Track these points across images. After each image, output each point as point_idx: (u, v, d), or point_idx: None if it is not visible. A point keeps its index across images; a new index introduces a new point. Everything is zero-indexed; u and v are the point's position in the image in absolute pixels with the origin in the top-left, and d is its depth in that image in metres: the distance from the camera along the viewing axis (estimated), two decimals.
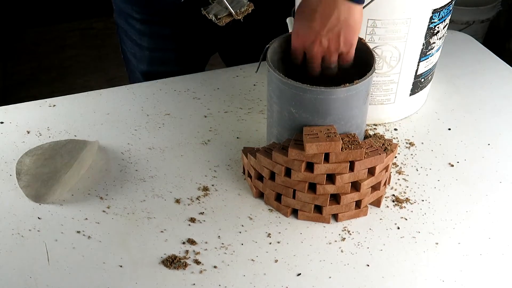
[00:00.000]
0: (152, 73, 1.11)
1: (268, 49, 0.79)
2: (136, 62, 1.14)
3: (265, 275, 0.72)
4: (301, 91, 0.73)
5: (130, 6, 1.06)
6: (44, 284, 0.70)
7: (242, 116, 0.97)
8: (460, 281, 0.72)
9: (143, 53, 1.11)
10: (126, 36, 1.12)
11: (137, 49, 1.12)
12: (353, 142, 0.74)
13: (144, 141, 0.92)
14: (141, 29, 1.08)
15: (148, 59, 1.12)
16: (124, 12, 1.09)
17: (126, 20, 1.09)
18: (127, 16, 1.08)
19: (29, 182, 0.82)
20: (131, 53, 1.14)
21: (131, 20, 1.08)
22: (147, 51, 1.11)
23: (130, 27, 1.09)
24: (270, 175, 0.78)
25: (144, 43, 1.09)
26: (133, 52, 1.13)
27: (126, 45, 1.15)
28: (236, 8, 0.87)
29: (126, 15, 1.08)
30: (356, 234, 0.78)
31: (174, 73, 1.07)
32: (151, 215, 0.79)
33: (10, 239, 0.75)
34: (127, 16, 1.08)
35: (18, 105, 0.99)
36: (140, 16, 1.06)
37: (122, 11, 1.09)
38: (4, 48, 2.62)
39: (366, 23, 0.84)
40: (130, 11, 1.07)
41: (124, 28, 1.12)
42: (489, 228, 0.79)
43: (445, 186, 0.85)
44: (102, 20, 2.76)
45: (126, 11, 1.08)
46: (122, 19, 1.11)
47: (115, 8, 1.12)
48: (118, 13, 1.12)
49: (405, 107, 0.97)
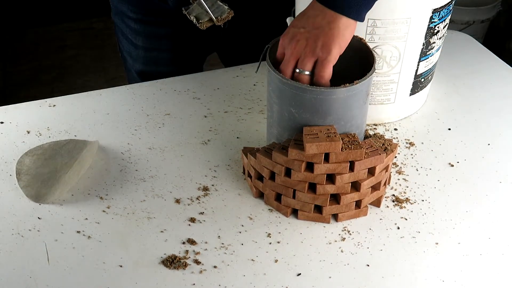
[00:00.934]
0: (148, 73, 1.11)
1: (268, 49, 0.79)
2: (132, 61, 1.14)
3: (265, 275, 0.72)
4: (301, 91, 0.73)
5: (126, 5, 1.06)
6: (44, 284, 0.70)
7: (242, 116, 0.97)
8: (460, 281, 0.72)
9: (138, 53, 1.11)
10: (122, 35, 1.12)
11: (132, 48, 1.11)
12: (353, 142, 0.74)
13: (144, 141, 0.92)
14: (136, 28, 1.08)
15: (143, 59, 1.12)
16: (120, 11, 1.09)
17: (122, 19, 1.09)
18: (123, 15, 1.08)
19: (29, 182, 0.82)
20: (127, 52, 1.14)
21: (126, 19, 1.08)
22: (142, 51, 1.10)
23: (125, 26, 1.09)
24: (270, 175, 0.78)
25: (139, 42, 1.09)
26: (129, 51, 1.13)
27: (122, 44, 1.15)
28: (217, 14, 0.87)
29: (122, 14, 1.08)
30: (356, 234, 0.78)
31: (170, 73, 1.07)
32: (151, 215, 0.79)
33: (10, 239, 0.75)
34: (123, 15, 1.08)
35: (18, 105, 0.99)
36: (135, 16, 1.06)
37: (118, 10, 1.09)
38: (4, 48, 2.62)
39: (366, 23, 0.84)
40: (126, 10, 1.07)
41: (120, 27, 1.12)
42: (489, 228, 0.79)
43: (445, 186, 0.85)
44: (102, 20, 2.77)
45: (122, 10, 1.08)
46: (119, 18, 1.11)
47: (112, 7, 1.12)
48: (114, 12, 1.12)
49: (405, 107, 0.97)
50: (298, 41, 0.74)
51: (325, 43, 0.72)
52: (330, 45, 0.72)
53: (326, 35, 0.72)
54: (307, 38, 0.73)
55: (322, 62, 0.73)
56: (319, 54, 0.73)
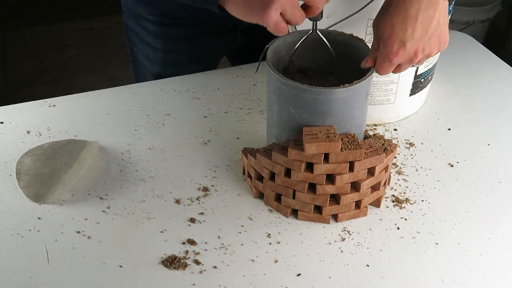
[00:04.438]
0: (165, 75, 1.11)
1: (268, 49, 0.79)
2: (149, 64, 1.13)
3: (265, 275, 0.72)
4: (301, 91, 0.73)
5: (143, 7, 1.06)
6: (44, 284, 0.70)
7: (242, 116, 0.97)
8: (460, 281, 0.72)
9: (156, 55, 1.11)
10: (137, 37, 1.12)
11: (150, 51, 1.11)
12: (353, 142, 0.74)
13: (144, 141, 0.92)
14: (155, 31, 1.07)
15: (161, 61, 1.11)
16: (136, 14, 1.08)
17: (137, 21, 1.09)
18: (139, 18, 1.08)
19: (29, 182, 0.82)
20: (143, 55, 1.13)
21: (143, 21, 1.07)
22: (161, 53, 1.10)
23: (142, 29, 1.09)
24: (270, 176, 0.78)
25: (158, 44, 1.09)
26: (145, 54, 1.12)
27: (137, 47, 1.14)
28: None
29: (138, 16, 1.08)
30: (356, 234, 0.78)
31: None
32: (151, 215, 0.79)
33: (10, 239, 0.75)
34: (139, 18, 1.08)
35: (18, 105, 0.99)
36: (153, 18, 1.06)
37: (133, 13, 1.09)
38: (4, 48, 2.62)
39: (366, 23, 0.84)
40: (143, 12, 1.06)
41: (135, 30, 1.11)
42: (489, 228, 0.79)
43: (445, 186, 0.85)
44: (102, 20, 2.76)
45: (138, 13, 1.07)
46: (133, 20, 1.10)
47: (125, 10, 1.11)
48: (128, 15, 1.11)
49: (405, 107, 0.97)
50: (423, 50, 0.74)
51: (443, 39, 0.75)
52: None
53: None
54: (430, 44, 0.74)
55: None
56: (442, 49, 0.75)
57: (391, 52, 0.72)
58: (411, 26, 0.71)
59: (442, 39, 0.74)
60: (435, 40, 0.73)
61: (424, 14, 0.71)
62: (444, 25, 0.74)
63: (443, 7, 0.72)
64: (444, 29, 0.74)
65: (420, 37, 0.72)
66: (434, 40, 0.73)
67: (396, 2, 0.72)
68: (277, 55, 0.80)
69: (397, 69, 0.76)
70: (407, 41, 0.72)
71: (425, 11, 0.71)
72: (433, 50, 0.74)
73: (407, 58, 0.73)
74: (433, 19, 0.72)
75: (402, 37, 0.71)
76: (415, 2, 0.71)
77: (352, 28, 0.83)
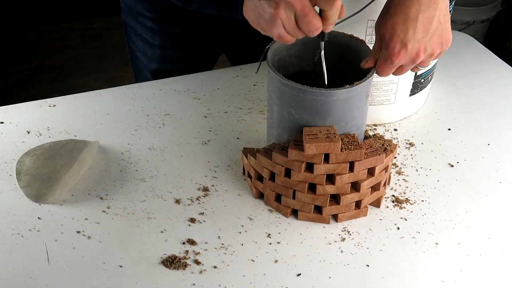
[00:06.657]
0: (162, 72, 1.12)
1: (268, 49, 0.79)
2: (146, 60, 1.14)
3: (265, 275, 0.72)
4: (301, 92, 0.73)
5: (141, 4, 1.06)
6: (44, 284, 0.70)
7: (242, 116, 0.97)
8: (460, 281, 0.72)
9: (154, 52, 1.12)
10: (135, 34, 1.13)
11: (148, 48, 1.12)
12: (353, 142, 0.74)
13: (144, 141, 0.92)
14: (153, 28, 1.08)
15: (159, 58, 1.12)
16: (134, 11, 1.09)
17: (136, 18, 1.10)
18: (138, 15, 1.09)
19: (29, 182, 0.82)
20: (141, 52, 1.14)
21: (142, 18, 1.08)
22: (158, 49, 1.11)
23: (140, 26, 1.10)
24: (270, 176, 0.78)
25: (156, 41, 1.10)
26: (143, 50, 1.13)
27: (135, 44, 1.15)
28: None
29: (136, 13, 1.09)
30: (356, 234, 0.78)
31: (184, 72, 1.08)
32: (151, 215, 0.79)
33: (10, 239, 0.75)
34: (137, 15, 1.09)
35: (18, 105, 0.99)
36: (151, 15, 1.07)
37: (132, 10, 1.10)
38: (4, 48, 2.62)
39: (366, 23, 0.84)
40: (141, 9, 1.07)
41: (133, 27, 1.12)
42: (489, 228, 0.79)
43: (445, 186, 0.85)
44: (102, 20, 2.76)
45: (137, 10, 1.08)
46: (132, 18, 1.11)
47: (123, 7, 1.12)
48: (127, 12, 1.12)
49: (405, 108, 0.97)
50: (425, 50, 0.74)
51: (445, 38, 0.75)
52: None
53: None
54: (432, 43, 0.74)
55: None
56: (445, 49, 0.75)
57: (392, 53, 0.72)
58: (412, 27, 0.71)
59: (444, 37, 0.74)
60: (437, 39, 0.73)
61: (425, 14, 0.71)
62: (445, 24, 0.73)
63: (444, 6, 0.72)
64: (446, 27, 0.74)
65: (421, 37, 0.72)
66: (435, 39, 0.73)
67: (396, 3, 0.72)
68: (277, 56, 0.80)
69: (399, 71, 0.76)
70: (408, 41, 0.71)
71: (425, 11, 0.71)
72: (436, 50, 0.74)
73: (409, 59, 0.73)
74: (433, 18, 0.72)
75: (404, 38, 0.71)
76: (415, 3, 0.71)
77: (352, 29, 0.83)
